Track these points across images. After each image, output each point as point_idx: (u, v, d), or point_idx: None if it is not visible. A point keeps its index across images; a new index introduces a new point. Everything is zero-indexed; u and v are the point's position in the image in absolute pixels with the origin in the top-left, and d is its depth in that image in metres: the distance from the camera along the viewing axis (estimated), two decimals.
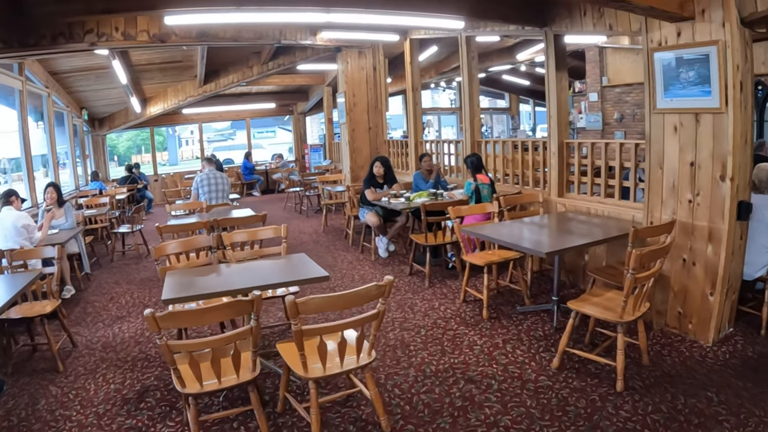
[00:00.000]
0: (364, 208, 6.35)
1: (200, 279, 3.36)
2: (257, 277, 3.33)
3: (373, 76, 8.88)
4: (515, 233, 4.06)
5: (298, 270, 3.40)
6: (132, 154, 28.84)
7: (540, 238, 3.96)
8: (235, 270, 3.57)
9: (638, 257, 2.73)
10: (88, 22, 5.12)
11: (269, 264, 3.69)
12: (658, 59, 3.61)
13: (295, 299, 2.34)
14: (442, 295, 4.85)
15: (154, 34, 5.72)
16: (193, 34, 6.16)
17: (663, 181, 3.68)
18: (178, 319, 2.48)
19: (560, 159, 5.05)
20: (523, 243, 3.59)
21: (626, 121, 10.66)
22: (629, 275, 2.78)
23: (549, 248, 3.40)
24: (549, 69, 4.93)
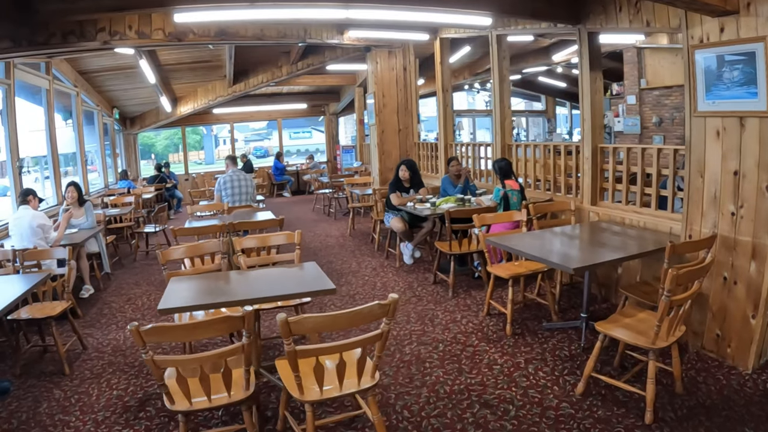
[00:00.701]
0: (390, 213, 6.17)
1: (202, 288, 3.24)
2: (261, 288, 3.21)
3: (403, 76, 8.69)
4: (542, 244, 3.79)
5: (305, 281, 3.24)
6: (170, 153, 29.64)
7: (569, 251, 3.68)
8: (241, 278, 3.44)
9: (675, 277, 2.45)
10: (100, 21, 5.08)
11: (278, 273, 3.54)
12: (700, 58, 3.29)
13: (287, 318, 2.17)
14: (465, 307, 4.62)
15: (170, 33, 5.66)
16: (212, 33, 6.08)
17: (704, 191, 3.36)
18: (164, 333, 2.34)
19: (594, 165, 4.74)
20: (549, 256, 3.32)
21: (665, 125, 10.24)
22: (664, 297, 2.50)
23: (577, 263, 3.13)
24: (583, 69, 4.63)
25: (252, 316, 2.33)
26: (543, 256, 3.30)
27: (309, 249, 7.36)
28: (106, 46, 5.44)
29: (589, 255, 3.48)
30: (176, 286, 3.23)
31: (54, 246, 5.03)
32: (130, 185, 10.86)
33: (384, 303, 2.30)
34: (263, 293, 3.09)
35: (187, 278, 3.46)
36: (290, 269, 3.64)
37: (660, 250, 3.27)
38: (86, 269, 5.79)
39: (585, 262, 3.20)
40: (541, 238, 3.97)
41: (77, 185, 6.18)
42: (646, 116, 10.48)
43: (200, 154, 32.28)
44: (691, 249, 3.20)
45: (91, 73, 9.70)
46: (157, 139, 29.63)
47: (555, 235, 4.08)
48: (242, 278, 3.45)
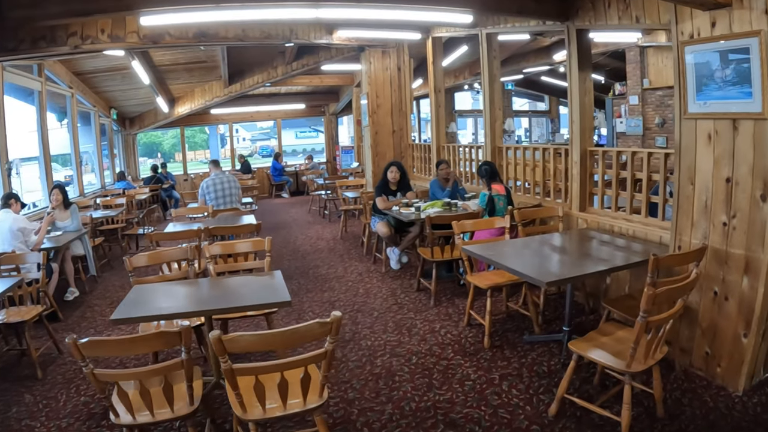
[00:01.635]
0: (376, 217, 5.99)
1: (161, 297, 3.11)
2: (218, 299, 3.09)
3: (397, 76, 8.50)
4: (522, 254, 3.59)
5: (264, 292, 3.09)
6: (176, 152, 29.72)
7: (548, 262, 3.47)
8: (202, 288, 3.30)
9: (651, 297, 2.25)
10: (71, 25, 4.96)
11: (240, 282, 3.39)
12: (690, 55, 3.08)
13: (221, 336, 2.00)
14: (446, 316, 4.43)
15: (145, 36, 5.52)
16: (190, 35, 5.93)
17: (694, 199, 3.14)
18: (100, 347, 2.20)
19: (583, 169, 4.52)
20: (525, 267, 3.11)
21: (668, 126, 9.96)
22: (640, 318, 2.30)
23: (552, 276, 2.93)
24: (571, 68, 4.42)
25: (189, 333, 2.19)
26: (518, 267, 3.09)
27: (298, 252, 7.21)
28: (77, 51, 5.31)
29: (569, 267, 3.27)
30: (135, 294, 3.13)
31: (34, 250, 4.95)
32: (128, 186, 10.79)
33: (325, 321, 2.12)
34: (219, 304, 2.97)
35: (150, 286, 3.33)
36: (255, 278, 3.50)
37: (646, 262, 3.07)
38: (71, 272, 5.73)
39: (562, 275, 2.99)
40: (523, 246, 3.77)
41: (62, 187, 6.09)
42: (649, 117, 10.26)
43: (206, 153, 32.37)
44: (678, 262, 2.99)
45: (86, 74, 9.64)
46: (164, 137, 29.72)
47: (538, 244, 3.87)
48: (203, 287, 3.31)
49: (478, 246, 3.69)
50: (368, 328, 4.29)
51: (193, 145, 30.54)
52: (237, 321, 4.28)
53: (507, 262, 3.22)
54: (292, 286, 5.61)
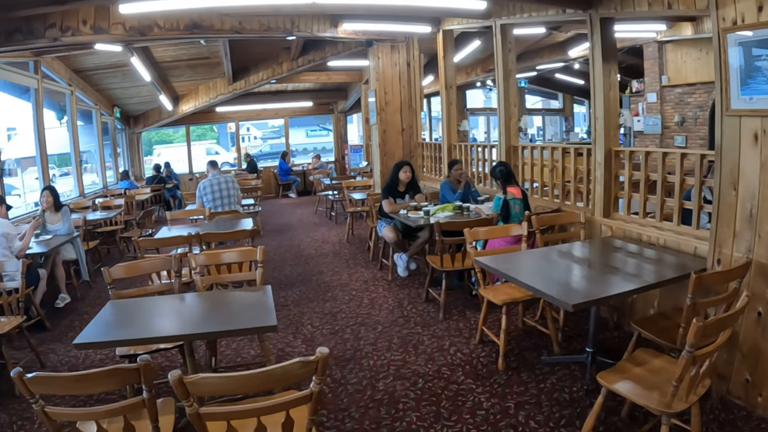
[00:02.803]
0: (382, 221, 5.64)
1: (136, 315, 2.80)
2: (199, 319, 2.77)
3: (407, 72, 8.14)
4: (541, 267, 3.22)
5: (249, 313, 2.77)
6: None
7: (572, 278, 3.07)
8: (182, 306, 3.00)
9: (700, 330, 1.88)
10: (50, 16, 4.66)
11: (225, 299, 3.08)
12: (733, 43, 2.70)
13: (182, 377, 1.67)
14: (456, 332, 4.07)
15: (132, 27, 5.20)
16: (181, 26, 5.60)
17: (737, 207, 2.76)
18: (48, 384, 1.88)
19: (607, 171, 4.14)
20: (547, 285, 2.74)
21: (688, 125, 9.62)
22: (685, 353, 1.93)
23: (579, 297, 2.54)
24: (595, 61, 4.04)
25: (148, 369, 1.86)
26: (538, 284, 2.73)
27: (302, 257, 6.89)
28: (57, 44, 5.01)
29: (595, 285, 2.89)
30: (108, 312, 2.83)
31: (20, 255, 4.69)
32: (131, 186, 10.56)
33: (307, 361, 1.78)
34: (198, 327, 2.65)
35: (126, 302, 3.02)
36: (243, 294, 3.20)
37: (683, 278, 2.70)
38: (62, 277, 5.47)
39: (589, 295, 2.61)
40: (541, 258, 3.40)
41: (53, 189, 5.84)
42: (668, 115, 9.90)
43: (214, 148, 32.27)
44: (721, 280, 2.61)
45: (86, 72, 9.41)
46: (176, 135, 29.67)
47: (558, 255, 3.49)
48: (185, 305, 3.00)
49: (492, 258, 3.33)
50: (371, 345, 3.95)
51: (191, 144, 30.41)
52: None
53: (525, 278, 2.85)
54: (293, 294, 5.30)
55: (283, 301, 5.11)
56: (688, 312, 2.33)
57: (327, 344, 4.02)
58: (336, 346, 3.99)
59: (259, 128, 32.17)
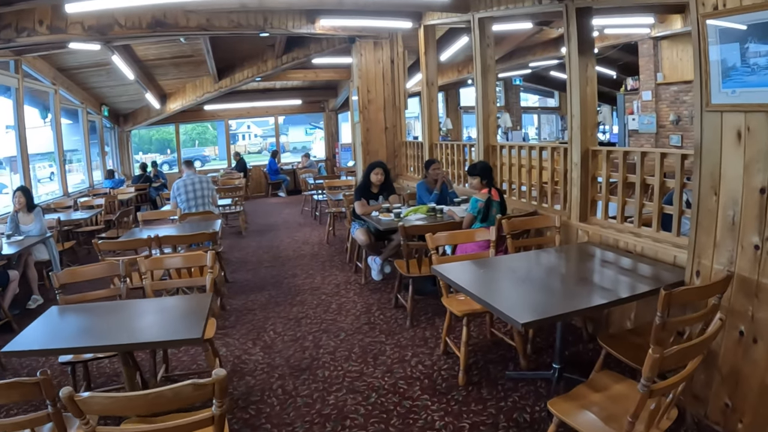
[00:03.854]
0: (356, 223, 5.41)
1: (74, 323, 2.70)
2: (132, 329, 2.57)
3: (390, 70, 7.91)
4: (503, 278, 2.96)
5: (179, 324, 2.58)
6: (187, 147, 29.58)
7: (532, 291, 2.74)
8: (123, 312, 2.82)
9: (656, 363, 1.62)
10: (4, 17, 4.44)
11: (163, 307, 2.88)
12: (713, 31, 2.45)
13: (72, 394, 1.47)
14: (421, 341, 3.83)
15: (90, 26, 4.98)
16: (144, 24, 5.36)
17: (718, 213, 2.50)
18: None
19: (584, 172, 3.89)
20: (500, 299, 2.49)
21: (684, 124, 9.34)
22: (641, 387, 1.67)
23: (532, 314, 2.27)
24: (571, 54, 3.79)
25: (48, 383, 1.67)
26: (491, 299, 2.46)
27: (279, 258, 6.67)
28: (10, 45, 4.78)
29: (558, 299, 2.60)
30: (46, 319, 2.66)
31: None
32: (116, 185, 10.36)
33: (201, 383, 1.55)
34: (127, 337, 2.46)
35: (66, 309, 2.84)
36: (184, 302, 3.00)
37: (656, 292, 2.45)
38: (34, 278, 5.37)
39: (546, 311, 2.33)
40: (508, 267, 3.14)
41: (26, 190, 5.69)
42: (663, 114, 9.61)
43: (215, 149, 32.11)
44: (696, 297, 2.35)
45: (71, 70, 9.21)
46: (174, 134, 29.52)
47: (526, 263, 3.24)
48: (123, 313, 2.81)
49: (450, 266, 3.07)
50: (330, 354, 3.72)
51: (204, 141, 30.25)
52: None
53: (479, 290, 2.60)
54: (261, 297, 5.08)
55: (250, 305, 4.89)
56: (656, 333, 2.08)
57: (285, 352, 3.80)
58: (294, 354, 3.77)
59: (260, 126, 32.03)
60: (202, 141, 29.53)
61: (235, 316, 4.66)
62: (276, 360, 3.70)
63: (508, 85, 15.03)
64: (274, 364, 3.63)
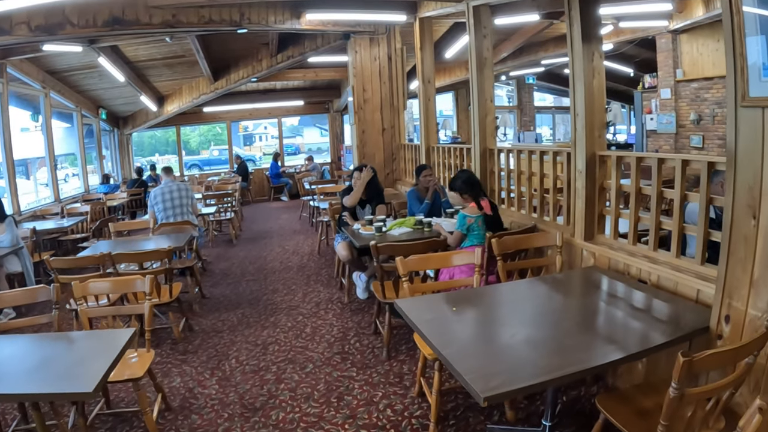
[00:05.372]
0: (339, 235, 4.90)
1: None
2: (28, 372, 2.11)
3: (388, 67, 7.38)
4: (477, 321, 2.39)
5: (73, 369, 2.15)
6: (203, 149, 29.56)
7: (510, 344, 2.08)
8: (32, 349, 2.38)
9: None
10: None
11: (78, 343, 2.41)
12: (750, 7, 1.87)
13: None
14: (396, 377, 3.30)
15: (38, 26, 4.56)
16: (99, 22, 4.90)
17: (758, 240, 1.92)
18: None
19: (590, 181, 3.30)
20: (457, 355, 1.86)
21: (705, 124, 8.74)
22: None
23: (498, 383, 1.67)
24: (573, 41, 3.20)
25: None
26: (450, 352, 1.88)
27: (264, 270, 6.21)
28: None
29: (544, 355, 1.98)
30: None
31: None
32: (111, 190, 10.04)
33: None
34: (21, 385, 1.98)
35: None
36: (91, 339, 2.51)
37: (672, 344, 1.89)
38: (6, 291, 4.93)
39: (518, 378, 1.73)
40: (489, 302, 2.58)
41: None
42: (683, 113, 9.00)
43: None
44: (726, 362, 1.77)
45: (62, 73, 8.90)
46: (191, 135, 29.51)
47: (515, 297, 2.66)
48: (30, 350, 2.36)
49: (413, 301, 2.52)
50: (291, 391, 3.21)
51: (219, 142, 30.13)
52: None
53: (440, 338, 2.04)
54: (233, 317, 4.62)
55: (219, 326, 4.43)
56: (670, 407, 1.52)
57: (242, 386, 3.33)
58: (251, 389, 3.28)
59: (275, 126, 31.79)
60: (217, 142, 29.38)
61: (201, 338, 4.19)
62: (230, 396, 3.21)
63: (521, 84, 14.38)
64: (227, 401, 3.15)
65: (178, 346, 3.97)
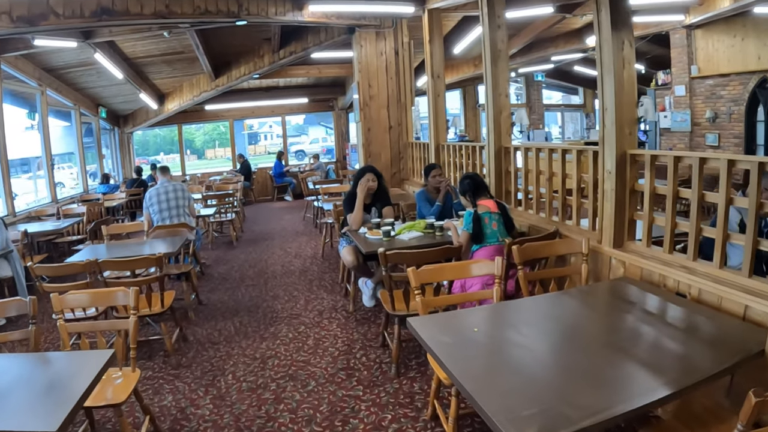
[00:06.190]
0: (344, 239, 4.61)
1: None
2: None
3: (395, 62, 7.09)
4: (500, 344, 2.09)
5: (38, 400, 1.88)
6: (208, 148, 29.37)
7: (539, 375, 1.81)
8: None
9: None
10: None
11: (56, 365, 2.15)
12: None
13: None
14: (407, 397, 3.01)
15: (20, 17, 4.29)
16: (86, 12, 4.63)
17: None
18: None
19: (620, 182, 3.01)
20: (481, 388, 1.58)
21: (720, 122, 8.47)
22: None
23: (531, 428, 1.41)
24: (602, 28, 2.90)
25: None
26: (472, 385, 1.61)
27: (265, 274, 5.94)
28: None
29: (586, 389, 1.67)
30: None
31: None
32: (110, 190, 9.79)
33: None
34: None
35: None
36: (74, 358, 2.25)
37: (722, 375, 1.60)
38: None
39: (555, 423, 1.46)
40: (512, 321, 2.29)
41: None
42: (698, 110, 8.73)
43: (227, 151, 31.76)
44: None
45: (58, 70, 8.68)
46: (196, 133, 29.34)
47: (539, 314, 2.37)
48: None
49: (427, 320, 2.23)
50: (290, 413, 2.94)
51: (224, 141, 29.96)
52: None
53: (460, 366, 1.75)
54: (230, 326, 4.35)
55: (215, 337, 4.16)
56: None
57: (238, 406, 3.06)
58: (248, 409, 3.01)
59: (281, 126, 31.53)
60: (223, 141, 29.18)
61: (196, 350, 3.93)
62: (225, 417, 2.94)
63: (529, 81, 14.05)
64: (221, 424, 2.87)
65: (170, 359, 3.70)
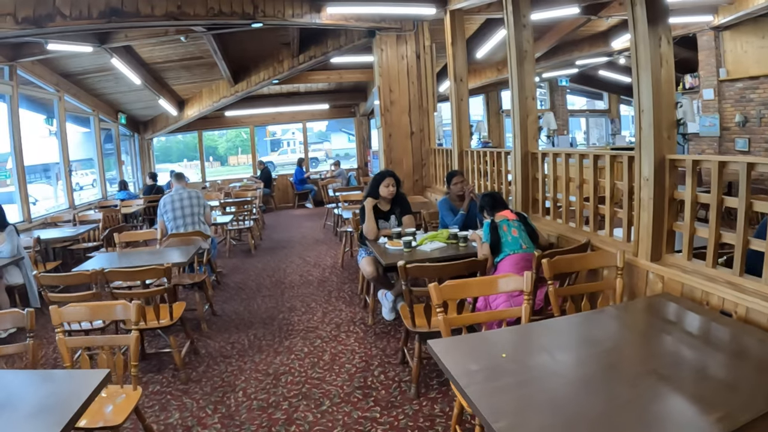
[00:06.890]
0: (363, 249, 4.44)
1: None
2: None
3: (416, 66, 6.92)
4: (532, 373, 1.85)
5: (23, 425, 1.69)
6: (231, 155, 29.58)
7: (576, 412, 1.58)
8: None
9: None
10: None
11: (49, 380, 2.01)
12: None
13: None
14: (427, 421, 2.81)
15: (25, 18, 4.21)
16: (94, 13, 4.53)
17: None
18: None
19: (658, 190, 2.77)
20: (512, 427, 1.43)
21: (751, 126, 8.13)
22: None
23: None
24: (637, 23, 2.67)
25: None
26: (501, 423, 1.42)
27: (282, 284, 5.80)
28: None
29: (625, 429, 1.49)
30: None
31: None
32: (128, 197, 9.80)
33: None
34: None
35: None
36: (68, 378, 2.10)
37: None
38: (6, 304, 4.73)
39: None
40: (544, 344, 2.07)
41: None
42: (727, 114, 8.41)
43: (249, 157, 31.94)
44: None
45: (76, 76, 8.71)
46: (220, 140, 29.58)
47: (574, 336, 2.15)
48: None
49: (452, 342, 2.03)
50: None
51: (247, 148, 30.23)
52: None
53: (487, 400, 1.55)
54: (244, 339, 4.21)
55: (228, 350, 4.01)
56: None
57: (247, 427, 2.92)
58: (257, 431, 2.83)
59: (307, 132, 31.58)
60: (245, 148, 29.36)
61: (207, 364, 3.79)
62: None
63: (553, 87, 13.74)
64: None
65: (180, 374, 3.56)
